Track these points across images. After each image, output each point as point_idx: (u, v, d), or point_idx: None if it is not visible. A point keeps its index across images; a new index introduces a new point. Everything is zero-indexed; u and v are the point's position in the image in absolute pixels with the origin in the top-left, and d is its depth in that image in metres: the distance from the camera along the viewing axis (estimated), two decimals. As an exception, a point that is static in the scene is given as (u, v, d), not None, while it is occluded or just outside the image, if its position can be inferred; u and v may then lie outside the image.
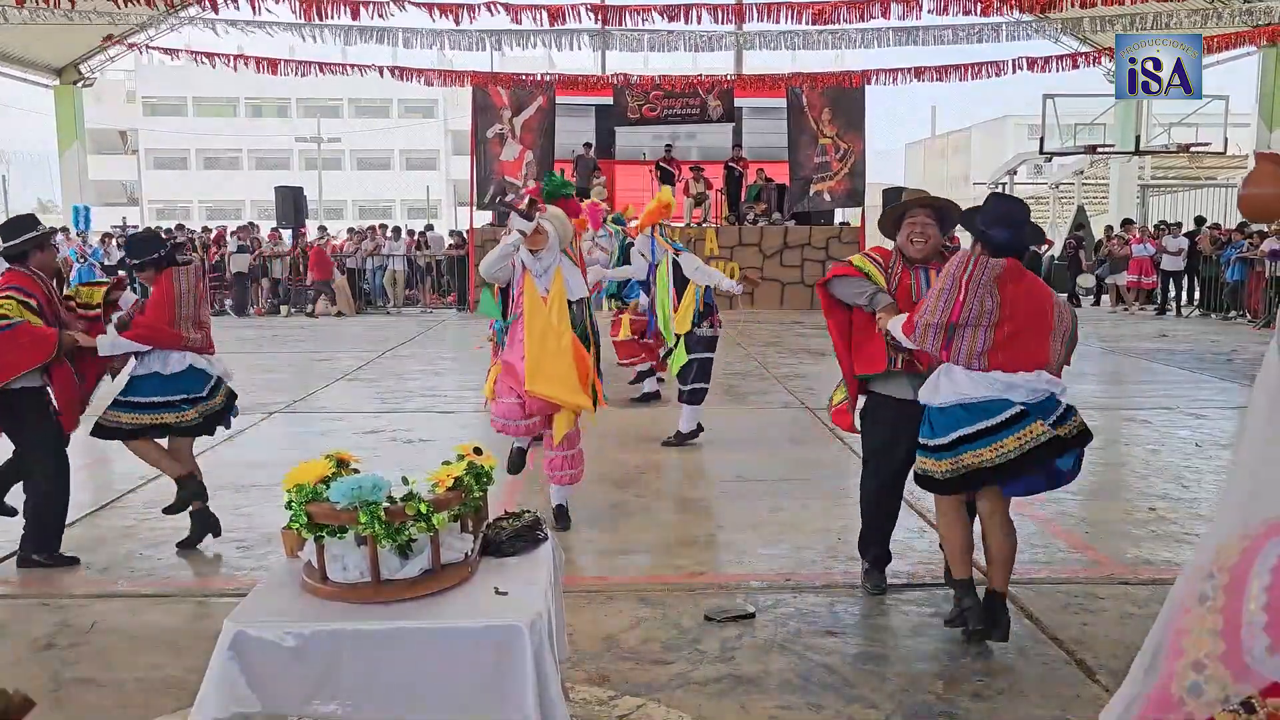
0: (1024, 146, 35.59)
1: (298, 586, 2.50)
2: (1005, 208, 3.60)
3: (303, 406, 9.03)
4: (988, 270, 3.38)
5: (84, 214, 23.44)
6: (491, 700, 2.30)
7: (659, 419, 7.91)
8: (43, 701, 3.38)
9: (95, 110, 36.60)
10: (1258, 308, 16.56)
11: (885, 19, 20.15)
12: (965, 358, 3.43)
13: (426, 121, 57.02)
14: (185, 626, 4.02)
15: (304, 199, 22.16)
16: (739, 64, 23.20)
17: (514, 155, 19.61)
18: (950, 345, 3.44)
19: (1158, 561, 4.74)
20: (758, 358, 12.09)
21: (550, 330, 4.78)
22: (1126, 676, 1.31)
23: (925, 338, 3.46)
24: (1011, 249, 3.48)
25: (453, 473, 2.54)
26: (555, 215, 4.82)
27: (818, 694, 3.35)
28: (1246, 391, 9.66)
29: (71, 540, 4.94)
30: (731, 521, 5.41)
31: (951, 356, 3.45)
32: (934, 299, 3.43)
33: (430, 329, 16.27)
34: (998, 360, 3.42)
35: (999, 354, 3.41)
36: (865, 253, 4.05)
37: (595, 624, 3.93)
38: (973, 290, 3.37)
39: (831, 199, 20.11)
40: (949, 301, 3.38)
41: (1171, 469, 6.36)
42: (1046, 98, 22.46)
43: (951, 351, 3.44)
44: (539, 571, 2.62)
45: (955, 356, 3.44)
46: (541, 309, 4.80)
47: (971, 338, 3.41)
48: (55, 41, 23.23)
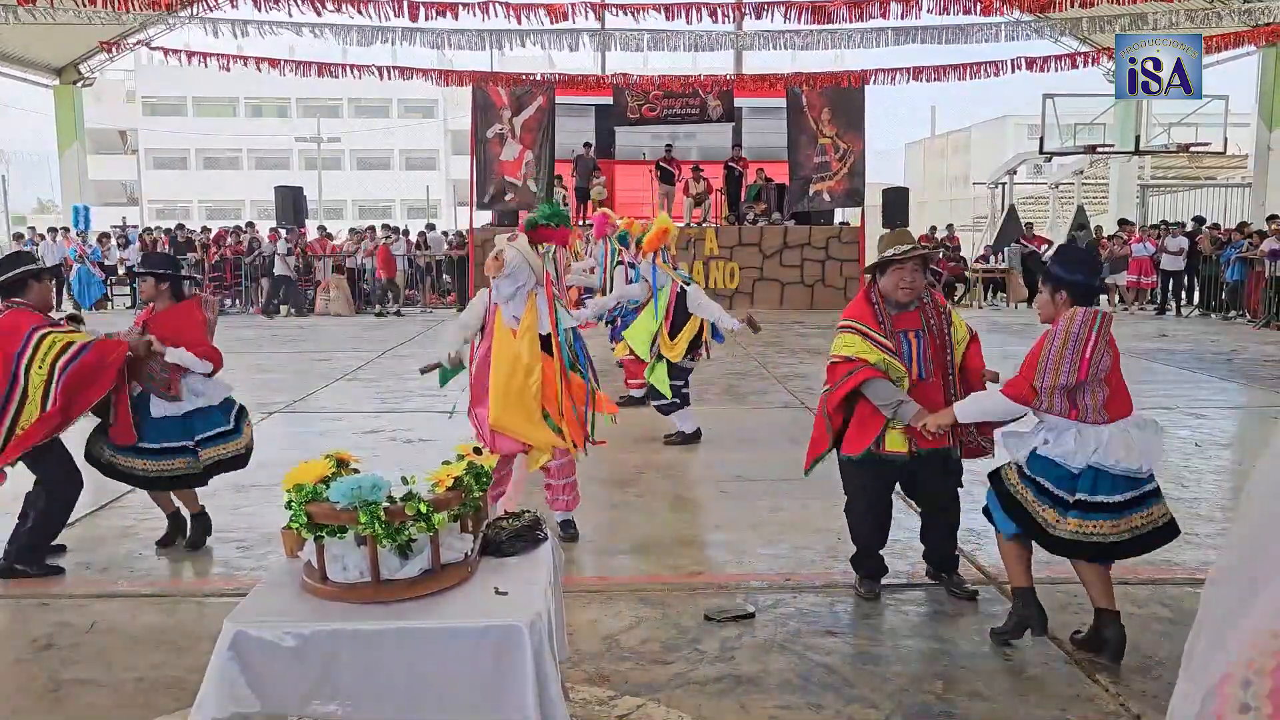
0: (1024, 146, 35.58)
1: (297, 586, 2.50)
2: (1080, 255, 3.74)
3: (302, 406, 9.02)
4: (1107, 326, 3.47)
5: (84, 214, 23.46)
6: (491, 700, 2.30)
7: (658, 419, 7.90)
8: (42, 701, 3.39)
9: (95, 110, 36.66)
10: (1257, 308, 16.56)
11: (884, 19, 20.16)
12: (1091, 414, 3.46)
13: (426, 121, 57.04)
14: (185, 626, 4.01)
15: (304, 199, 22.16)
16: (739, 64, 23.20)
17: (514, 155, 19.60)
18: (1077, 403, 3.46)
19: (1157, 561, 4.72)
20: (757, 358, 12.09)
21: (519, 365, 4.52)
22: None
23: (1052, 401, 3.46)
24: (1092, 290, 3.59)
25: (453, 473, 2.54)
26: (521, 246, 4.57)
27: (818, 694, 3.35)
28: (1246, 391, 9.66)
29: (72, 540, 4.95)
30: (731, 521, 5.41)
31: (1080, 415, 3.46)
32: (1056, 359, 3.42)
33: (430, 329, 16.27)
34: (1114, 410, 3.48)
35: (1114, 403, 3.49)
36: (846, 325, 4.03)
37: (595, 624, 3.93)
38: (1098, 348, 3.42)
39: (831, 199, 20.10)
40: (1076, 360, 3.40)
41: (1171, 469, 6.35)
42: (1046, 98, 22.47)
43: (1080, 410, 3.46)
44: (539, 571, 2.62)
45: (1084, 415, 3.46)
46: (510, 341, 4.56)
47: (1093, 393, 3.46)
48: (55, 41, 23.23)
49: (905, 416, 3.83)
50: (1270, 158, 21.06)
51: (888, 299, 4.02)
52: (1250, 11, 20.24)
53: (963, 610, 4.12)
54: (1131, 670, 3.53)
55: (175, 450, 4.73)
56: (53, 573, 4.59)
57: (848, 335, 4.00)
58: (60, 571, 4.62)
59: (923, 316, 4.02)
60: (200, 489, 5.00)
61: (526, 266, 4.55)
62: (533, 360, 4.54)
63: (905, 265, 3.97)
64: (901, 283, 3.97)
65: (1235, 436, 7.88)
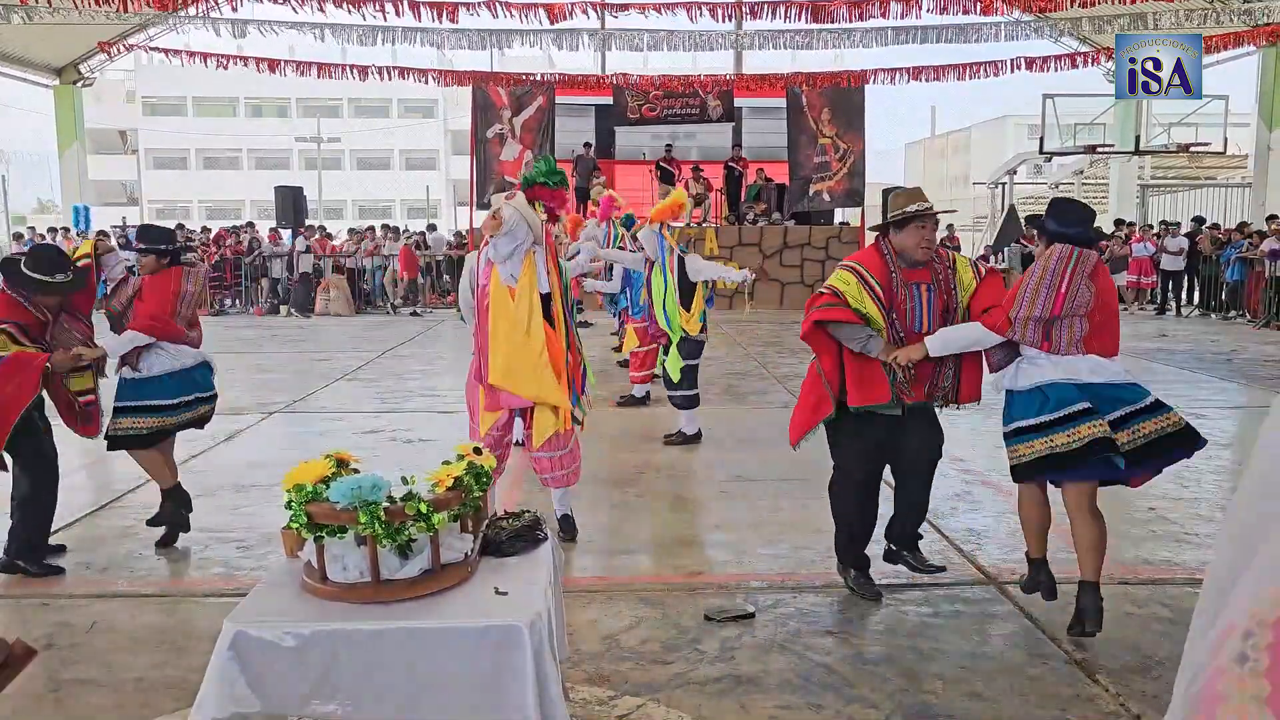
0: (1024, 146, 35.58)
1: (297, 586, 2.50)
2: (1073, 208, 3.83)
3: (302, 406, 9.02)
4: (1085, 264, 3.60)
5: (84, 214, 23.45)
6: (491, 700, 2.30)
7: (659, 419, 7.91)
8: (42, 702, 3.39)
9: (95, 110, 36.66)
10: (1257, 308, 16.56)
11: (884, 18, 20.16)
12: (1065, 346, 3.62)
13: (426, 121, 57.02)
14: (185, 626, 4.02)
15: (304, 199, 22.13)
16: (739, 64, 23.20)
17: (514, 155, 19.61)
18: (1051, 336, 3.63)
19: (1157, 561, 4.74)
20: (757, 358, 12.09)
21: (518, 324, 4.42)
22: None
23: (1025, 331, 3.63)
24: (1088, 243, 3.69)
25: (453, 473, 2.54)
26: (519, 204, 4.50)
27: (818, 694, 3.35)
28: (1246, 391, 9.66)
29: (72, 540, 4.95)
30: (731, 521, 5.41)
31: (1053, 347, 3.64)
32: (1033, 293, 3.59)
33: (430, 329, 16.27)
34: (1092, 346, 3.64)
35: (1093, 340, 3.64)
36: (849, 265, 4.01)
37: (595, 624, 3.93)
38: (1074, 283, 3.57)
39: (831, 199, 20.11)
40: (1051, 295, 3.57)
41: (1171, 469, 6.31)
42: (1046, 97, 22.46)
43: (1053, 342, 3.63)
44: (539, 571, 2.62)
45: (1057, 346, 3.63)
46: (508, 302, 4.44)
47: (1070, 327, 3.62)
48: (55, 41, 23.23)
49: (873, 351, 3.85)
50: (1270, 158, 21.05)
51: (901, 254, 3.95)
52: (1250, 11, 20.23)
53: (963, 610, 4.12)
54: (1131, 670, 3.53)
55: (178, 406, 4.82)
56: (53, 573, 4.59)
57: (846, 274, 3.97)
58: (60, 571, 4.62)
59: (931, 271, 3.97)
60: (200, 488, 5.00)
61: (524, 224, 4.43)
62: (533, 319, 4.44)
63: (928, 222, 3.94)
64: (924, 240, 3.92)
65: (1235, 436, 7.88)
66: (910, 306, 3.91)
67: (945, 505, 5.55)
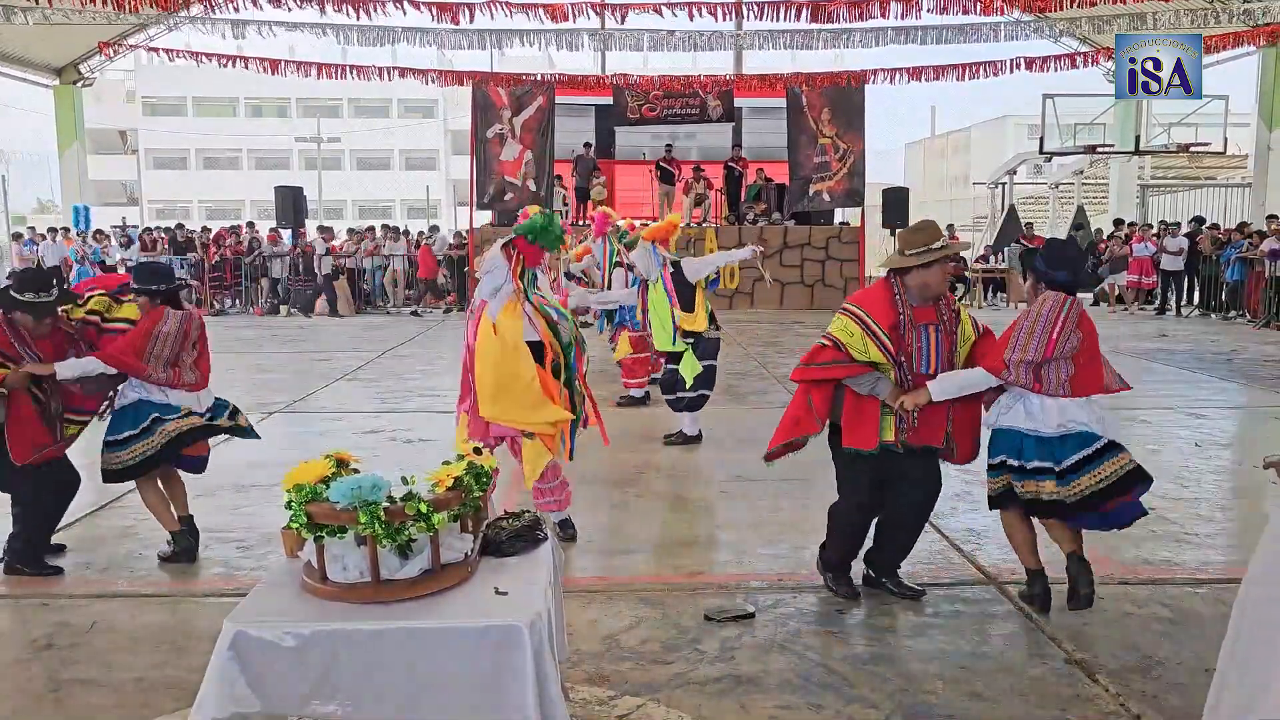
0: (1024, 146, 35.57)
1: (297, 586, 2.50)
2: (1066, 250, 4.00)
3: (302, 406, 9.02)
4: (1074, 311, 3.81)
5: (84, 214, 23.47)
6: (491, 700, 2.30)
7: (659, 419, 7.91)
8: (42, 702, 3.39)
9: (95, 110, 36.63)
10: (1257, 308, 16.56)
11: (884, 18, 20.15)
12: (1054, 387, 3.81)
13: (426, 121, 57.02)
14: (185, 626, 4.02)
15: (304, 199, 22.13)
16: (739, 64, 23.19)
17: (514, 155, 19.60)
18: (1041, 377, 3.81)
19: (1157, 561, 4.74)
20: (757, 358, 12.09)
21: (506, 355, 4.42)
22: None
23: (1019, 373, 3.80)
24: (1072, 288, 3.88)
25: (453, 473, 2.54)
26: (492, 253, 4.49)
27: (818, 694, 3.35)
28: (1246, 391, 9.66)
29: (72, 540, 4.95)
30: (731, 521, 5.42)
31: (1044, 387, 3.81)
32: (1026, 337, 3.78)
33: (430, 329, 16.27)
34: (1078, 385, 3.83)
35: (1078, 380, 3.83)
36: (852, 311, 3.99)
37: (595, 624, 3.93)
38: (1065, 330, 3.77)
39: (831, 199, 20.10)
40: (1043, 340, 3.76)
41: (1171, 469, 6.35)
42: (1046, 98, 22.46)
43: (1044, 382, 3.81)
44: (539, 571, 2.63)
45: (1047, 386, 3.81)
46: (490, 337, 4.43)
47: (1058, 369, 3.81)
48: (55, 41, 23.23)
49: (882, 393, 3.89)
50: (1270, 158, 21.05)
51: (910, 291, 3.94)
52: (1250, 12, 20.23)
53: (962, 610, 4.12)
54: (1131, 670, 3.53)
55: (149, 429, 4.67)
56: (53, 573, 4.59)
57: (849, 323, 3.94)
58: (60, 571, 4.62)
59: (938, 312, 3.99)
60: (200, 488, 4.99)
61: (504, 267, 4.43)
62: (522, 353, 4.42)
63: (945, 261, 3.96)
64: (941, 279, 3.95)
65: (1235, 436, 7.88)
66: (919, 347, 3.93)
67: (945, 505, 5.53)
